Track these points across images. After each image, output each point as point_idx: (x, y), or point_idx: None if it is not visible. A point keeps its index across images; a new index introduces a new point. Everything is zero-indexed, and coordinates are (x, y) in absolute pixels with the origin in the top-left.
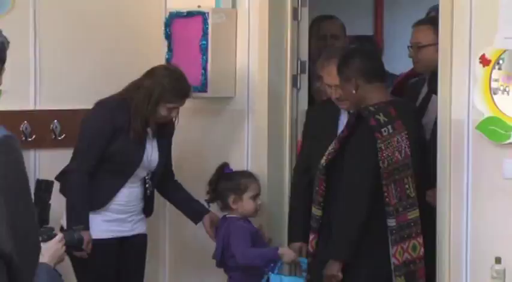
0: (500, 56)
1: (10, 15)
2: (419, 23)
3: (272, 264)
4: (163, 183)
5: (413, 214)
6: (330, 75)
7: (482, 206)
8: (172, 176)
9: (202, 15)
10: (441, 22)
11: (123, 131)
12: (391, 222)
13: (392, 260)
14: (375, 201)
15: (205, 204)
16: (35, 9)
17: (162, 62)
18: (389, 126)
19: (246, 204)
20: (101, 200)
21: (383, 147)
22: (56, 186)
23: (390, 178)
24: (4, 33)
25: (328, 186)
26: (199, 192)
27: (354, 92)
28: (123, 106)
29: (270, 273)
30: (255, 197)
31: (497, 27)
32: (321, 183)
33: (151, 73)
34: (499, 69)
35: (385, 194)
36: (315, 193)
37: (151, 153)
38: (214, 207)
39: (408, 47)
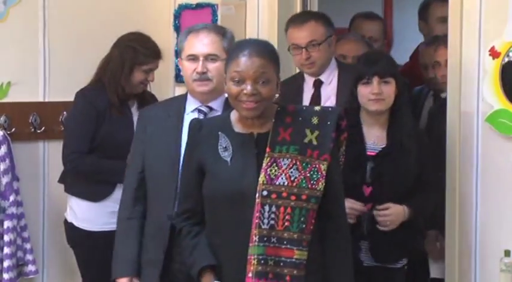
0: (510, 48)
1: (19, 7)
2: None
3: None
4: None
5: None
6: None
7: (491, 199)
8: None
9: (212, 7)
10: (451, 14)
11: (107, 114)
12: None
13: None
14: None
15: None
16: (44, 1)
17: (172, 54)
18: None
19: None
20: (103, 191)
21: None
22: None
23: None
24: (13, 26)
25: None
26: None
27: None
28: (100, 89)
29: None
30: None
31: (507, 19)
32: None
33: (117, 43)
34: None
35: None
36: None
37: None
38: None
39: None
